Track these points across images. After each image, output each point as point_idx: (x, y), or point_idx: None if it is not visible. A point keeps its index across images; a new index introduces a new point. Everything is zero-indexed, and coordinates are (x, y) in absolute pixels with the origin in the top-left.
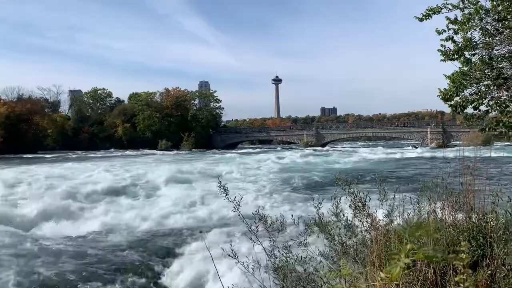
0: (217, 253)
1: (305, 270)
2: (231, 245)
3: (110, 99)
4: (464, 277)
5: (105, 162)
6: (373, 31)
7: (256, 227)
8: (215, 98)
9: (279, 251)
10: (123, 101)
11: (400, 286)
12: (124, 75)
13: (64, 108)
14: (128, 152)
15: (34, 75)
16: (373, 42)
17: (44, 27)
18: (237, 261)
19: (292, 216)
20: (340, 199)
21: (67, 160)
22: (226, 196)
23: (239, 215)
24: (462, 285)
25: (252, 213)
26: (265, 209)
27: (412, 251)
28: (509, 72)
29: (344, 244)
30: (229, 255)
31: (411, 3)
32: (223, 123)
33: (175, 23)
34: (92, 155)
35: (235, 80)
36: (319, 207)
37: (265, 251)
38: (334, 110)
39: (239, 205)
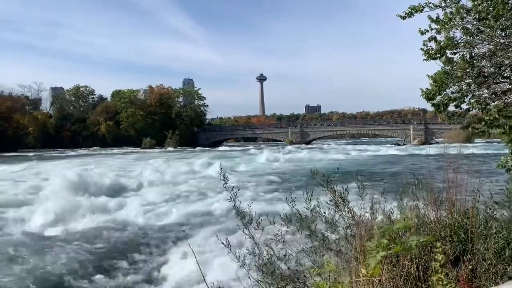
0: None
1: (288, 268)
2: (226, 238)
3: (92, 96)
4: (442, 276)
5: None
6: (357, 30)
7: (249, 222)
8: (199, 95)
9: (264, 247)
10: (106, 98)
11: (383, 281)
12: (107, 72)
13: (46, 106)
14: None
15: (14, 72)
16: (357, 41)
17: (24, 23)
18: (229, 250)
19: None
20: (311, 195)
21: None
22: (224, 185)
23: (234, 205)
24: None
25: (237, 209)
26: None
27: (392, 245)
28: (489, 71)
29: (326, 240)
30: (222, 243)
31: (394, 2)
32: (207, 120)
33: (159, 20)
34: (72, 153)
35: (219, 77)
36: (293, 205)
37: (256, 244)
38: (318, 107)
39: (235, 195)
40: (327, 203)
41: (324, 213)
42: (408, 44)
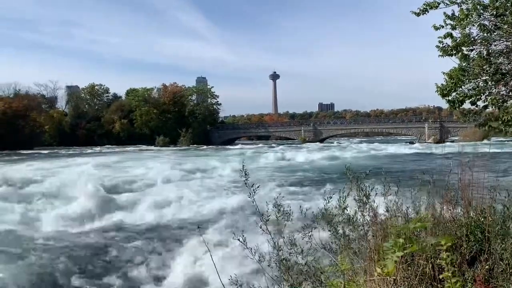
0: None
1: (306, 263)
2: (242, 233)
3: (107, 95)
4: (450, 274)
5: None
6: (370, 27)
7: (268, 217)
8: (212, 94)
9: (284, 242)
10: (120, 97)
11: (398, 280)
12: (121, 71)
13: (61, 104)
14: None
15: (30, 71)
16: (370, 39)
17: (39, 23)
18: (245, 247)
19: (300, 207)
20: (348, 193)
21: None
22: (245, 181)
23: (253, 202)
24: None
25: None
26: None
27: (408, 245)
28: (507, 68)
29: (347, 238)
30: (238, 240)
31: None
32: (220, 119)
33: (172, 19)
34: (89, 150)
35: (232, 75)
36: (328, 200)
37: (272, 240)
38: (331, 105)
39: (255, 192)
40: (354, 200)
41: (348, 211)
42: (422, 42)
